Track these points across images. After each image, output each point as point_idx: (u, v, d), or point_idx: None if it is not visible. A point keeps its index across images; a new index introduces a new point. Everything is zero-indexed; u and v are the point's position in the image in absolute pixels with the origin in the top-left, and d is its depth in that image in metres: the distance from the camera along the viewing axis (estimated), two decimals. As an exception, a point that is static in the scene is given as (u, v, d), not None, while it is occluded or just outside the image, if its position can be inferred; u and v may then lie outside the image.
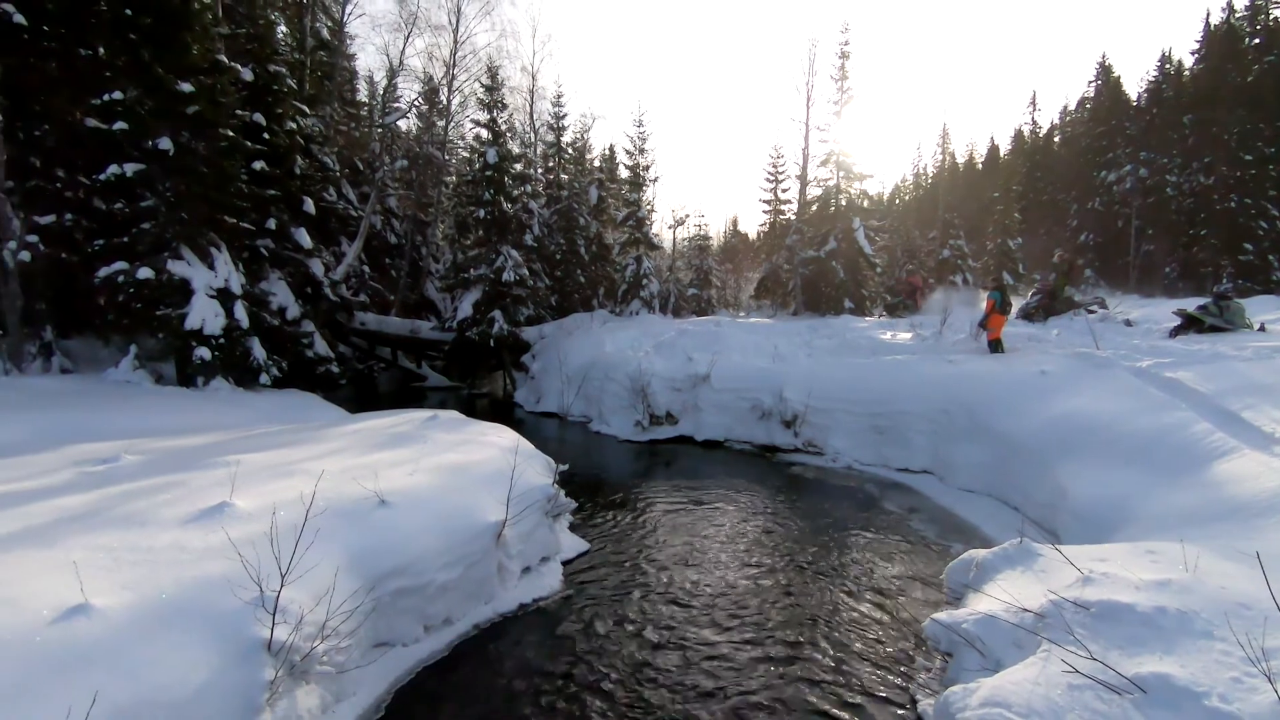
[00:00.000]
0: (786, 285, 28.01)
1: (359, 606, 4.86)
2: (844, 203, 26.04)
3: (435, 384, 23.91)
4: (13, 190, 13.02)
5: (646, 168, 26.28)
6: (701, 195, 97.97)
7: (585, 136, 31.86)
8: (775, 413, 13.63)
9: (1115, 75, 46.57)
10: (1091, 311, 17.65)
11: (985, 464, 10.38)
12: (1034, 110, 55.60)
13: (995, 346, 13.57)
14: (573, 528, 8.75)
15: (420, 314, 26.12)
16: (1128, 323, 16.43)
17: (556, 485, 8.08)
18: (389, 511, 5.99)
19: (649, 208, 27.34)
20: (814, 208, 26.92)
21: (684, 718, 4.81)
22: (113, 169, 12.55)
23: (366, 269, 22.47)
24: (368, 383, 22.72)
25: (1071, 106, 53.04)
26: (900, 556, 8.11)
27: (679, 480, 11.71)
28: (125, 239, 12.88)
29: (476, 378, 23.86)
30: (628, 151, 26.50)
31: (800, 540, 8.67)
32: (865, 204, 27.11)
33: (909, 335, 16.08)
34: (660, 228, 31.11)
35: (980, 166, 58.10)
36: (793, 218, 29.07)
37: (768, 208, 33.94)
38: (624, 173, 28.15)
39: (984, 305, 14.47)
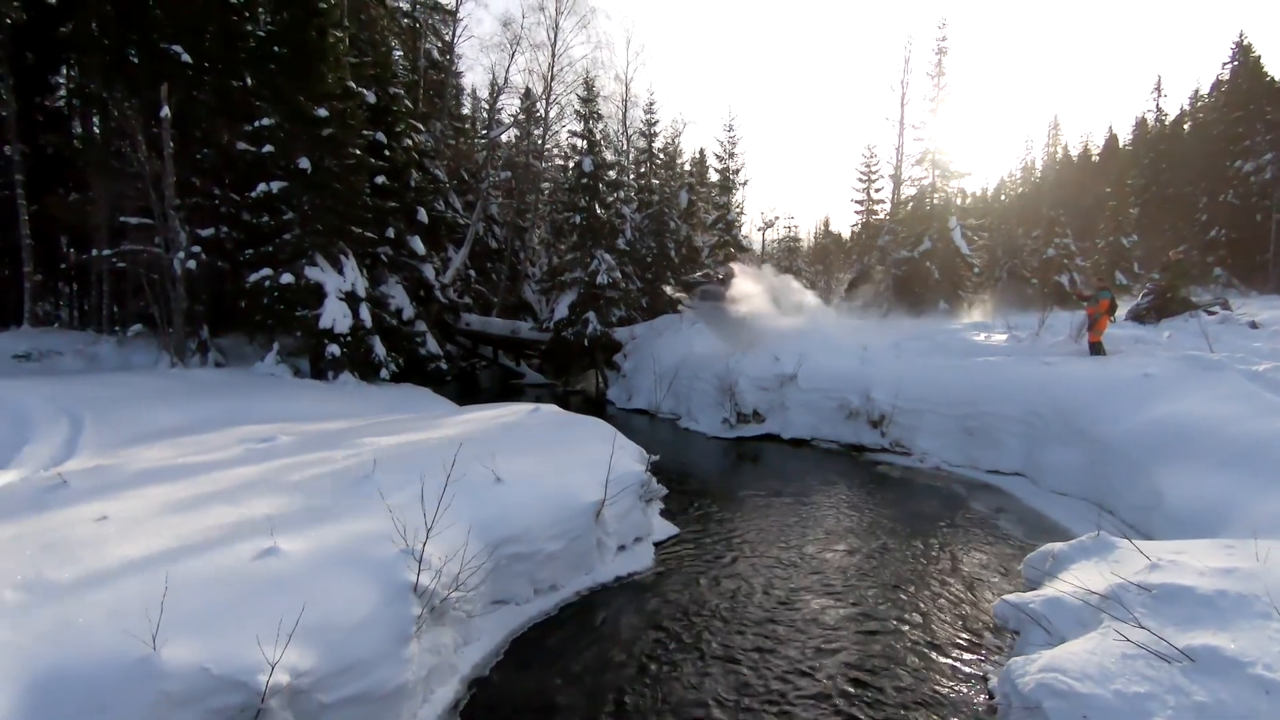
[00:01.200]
0: (878, 286, 27.66)
1: (482, 565, 5.66)
2: (940, 202, 25.48)
3: (532, 381, 25.18)
4: (179, 207, 14.98)
5: (736, 171, 26.66)
6: (792, 197, 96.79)
7: (676, 142, 32.54)
8: (862, 412, 13.77)
9: (1254, 55, 42.56)
10: (1212, 313, 16.64)
11: (1079, 467, 10.23)
12: (1159, 96, 51.62)
13: (1096, 349, 13.17)
14: (663, 514, 9.35)
15: (519, 315, 27.54)
16: (1253, 324, 15.42)
17: (648, 473, 8.72)
18: (504, 488, 6.81)
19: (738, 210, 27.65)
20: (908, 207, 26.47)
21: (767, 682, 5.32)
22: (261, 187, 14.21)
23: (472, 273, 23.99)
24: (470, 379, 24.25)
25: (1204, 91, 48.95)
26: (983, 550, 8.26)
27: (765, 475, 12.12)
28: (270, 248, 14.55)
29: (571, 376, 24.94)
30: (718, 156, 26.98)
31: (884, 532, 8.94)
32: (963, 202, 26.38)
33: (1004, 337, 15.75)
34: (749, 230, 31.38)
35: (1096, 159, 54.52)
36: (885, 218, 28.62)
37: (860, 208, 33.55)
38: (714, 176, 28.63)
39: (1088, 307, 13.96)
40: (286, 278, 14.15)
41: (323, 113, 14.37)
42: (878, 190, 32.68)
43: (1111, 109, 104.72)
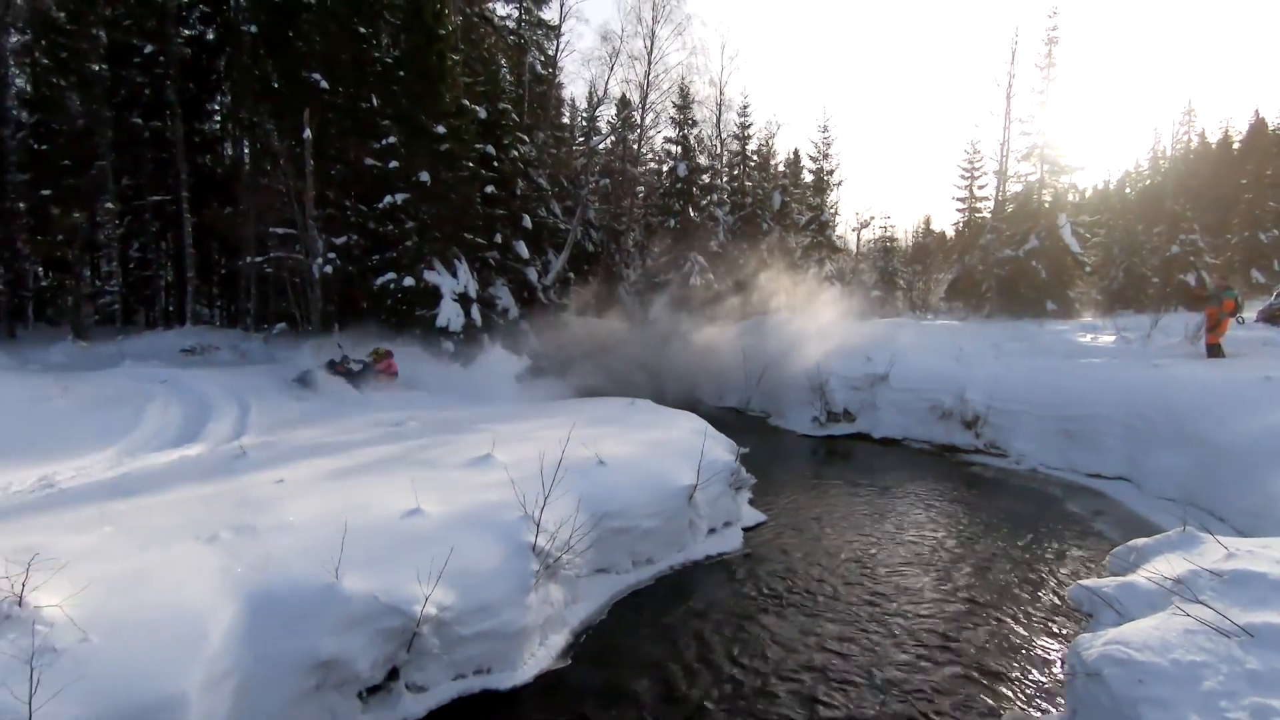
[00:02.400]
0: (980, 287, 26.81)
1: (588, 535, 6.39)
2: (1048, 198, 24.45)
3: (627, 379, 26.09)
4: (316, 218, 16.76)
5: (830, 172, 26.59)
6: (889, 196, 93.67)
7: (770, 143, 32.68)
8: (956, 413, 13.70)
9: None
10: (1357, 315, 15.38)
11: (1187, 471, 9.90)
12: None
13: (1215, 351, 12.55)
14: (752, 503, 9.84)
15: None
16: (1403, 328, 14.19)
17: (738, 462, 9.25)
18: (605, 470, 7.54)
19: (832, 211, 27.52)
20: (1013, 205, 25.54)
21: (849, 655, 5.76)
22: (387, 199, 15.70)
23: (570, 275, 25.15)
24: (568, 377, 25.42)
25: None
26: (1077, 548, 8.29)
27: (854, 472, 12.34)
28: (393, 254, 16.05)
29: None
30: (811, 157, 26.98)
31: (973, 528, 9.06)
32: (1075, 198, 25.18)
33: (1111, 338, 15.16)
34: (843, 230, 31.09)
35: (1237, 147, 49.67)
36: (989, 216, 27.70)
37: (962, 205, 32.52)
38: (807, 178, 28.59)
39: (1208, 307, 13.20)
40: (408, 281, 15.58)
41: (441, 129, 15.72)
42: (981, 187, 31.55)
43: (1259, 91, 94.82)
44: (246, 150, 22.12)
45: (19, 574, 3.81)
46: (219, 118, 24.17)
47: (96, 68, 19.72)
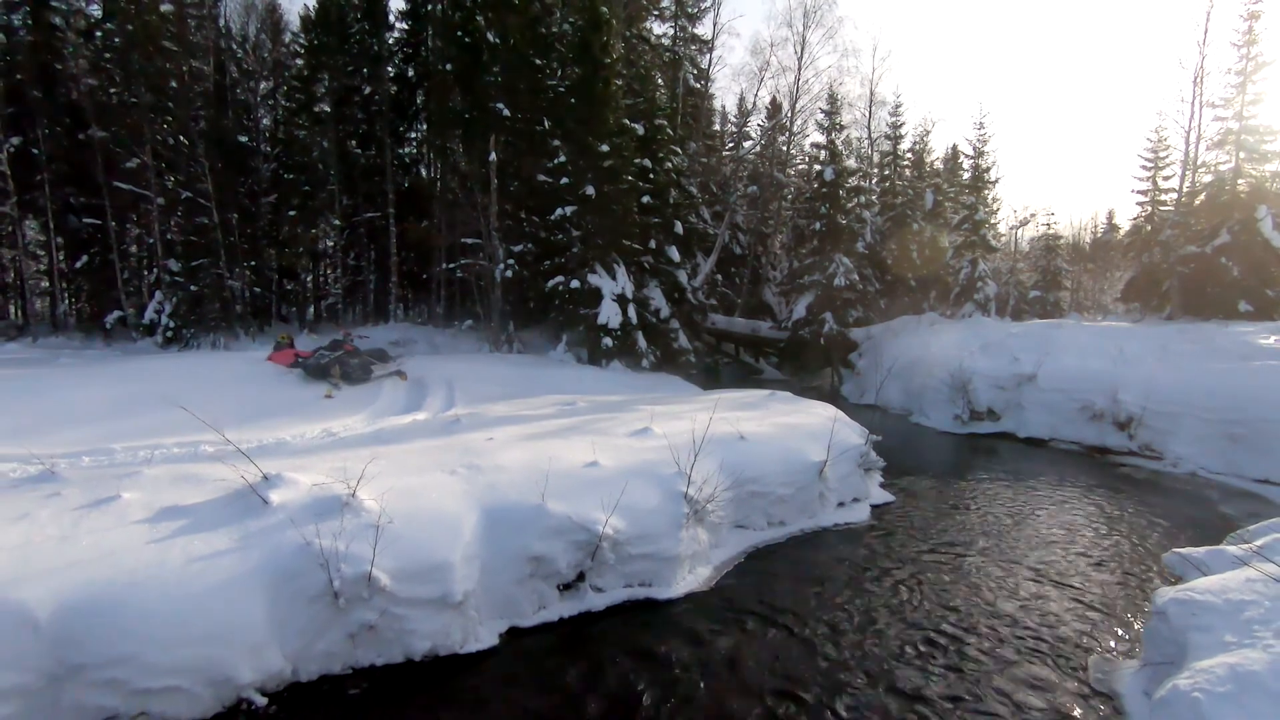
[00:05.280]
0: (1161, 286, 24.85)
1: (728, 491, 7.68)
2: (1245, 189, 22.30)
3: (769, 377, 26.93)
4: (498, 229, 19.33)
5: (987, 169, 25.83)
6: (1053, 190, 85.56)
7: (924, 140, 32.04)
8: (1108, 414, 13.44)
9: None
10: None
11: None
12: None
13: None
14: (884, 486, 10.62)
15: (758, 316, 29.46)
16: None
17: (867, 445, 10.11)
18: (746, 444, 8.78)
19: (988, 209, 26.67)
20: (1200, 197, 23.50)
21: (968, 623, 6.61)
22: (559, 211, 17.86)
23: (718, 277, 26.46)
24: (712, 373, 26.72)
25: None
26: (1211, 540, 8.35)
27: (995, 468, 12.59)
28: (561, 260, 18.18)
29: (806, 373, 26.25)
30: (966, 155, 26.33)
31: (1116, 524, 9.28)
32: (1277, 188, 22.73)
33: (1302, 340, 14.04)
34: (1001, 228, 29.85)
35: None
36: (1172, 209, 25.60)
37: (1143, 198, 29.93)
38: (963, 175, 27.88)
39: None
40: (574, 284, 17.62)
41: (604, 147, 17.62)
42: (1166, 179, 28.93)
43: None
44: (439, 172, 25.60)
45: (350, 481, 5.77)
46: (416, 144, 27.98)
47: (325, 108, 23.91)
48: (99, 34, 21.48)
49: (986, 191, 27.08)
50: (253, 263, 24.26)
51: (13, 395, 9.82)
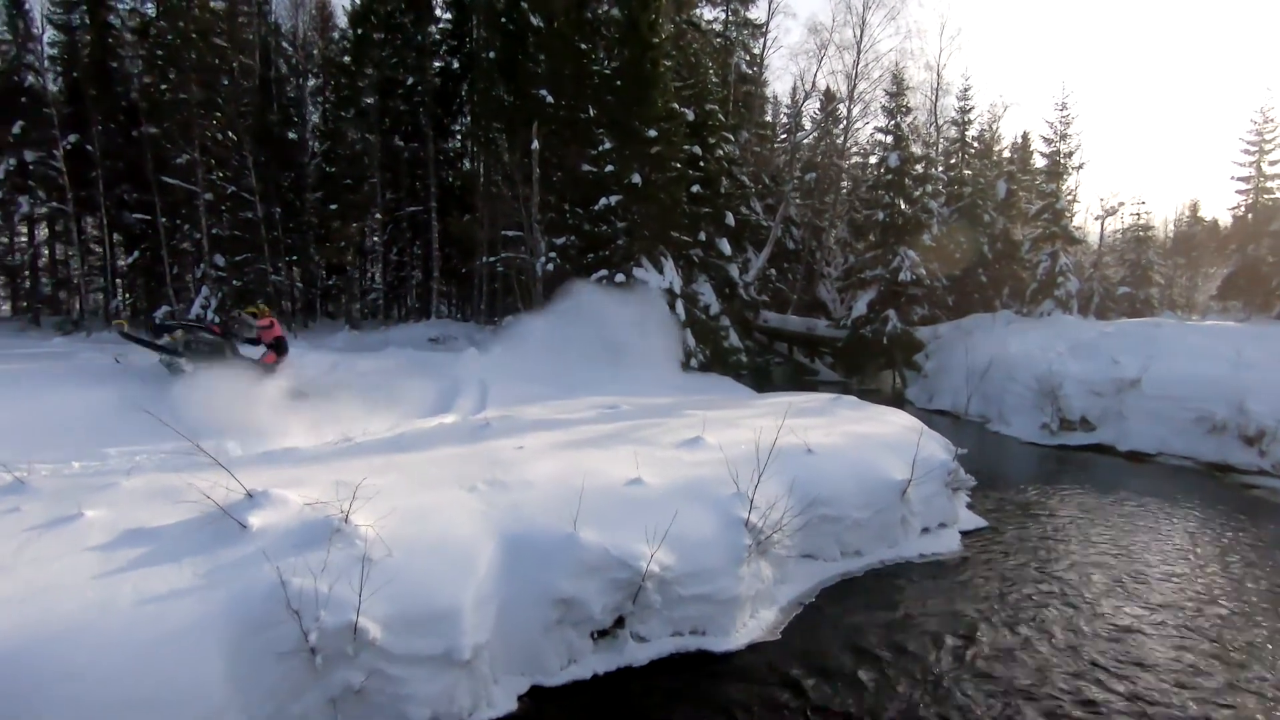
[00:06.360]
0: (1269, 282, 22.49)
1: (796, 518, 6.49)
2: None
3: (825, 378, 25.41)
4: (540, 221, 18.45)
5: (1068, 155, 23.71)
6: (1144, 178, 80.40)
7: (994, 127, 30.01)
8: (1232, 426, 11.70)
9: None
10: None
11: None
12: None
13: None
14: (972, 509, 9.24)
15: (812, 313, 27.92)
16: None
17: (956, 462, 8.76)
18: (814, 458, 7.57)
19: (1069, 198, 24.53)
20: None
21: (1071, 684, 5.31)
22: (602, 201, 16.84)
23: (771, 272, 25.10)
24: (764, 374, 25.33)
25: None
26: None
27: (1094, 487, 11.01)
28: (606, 253, 17.17)
29: (866, 374, 24.64)
30: (1045, 139, 24.32)
31: (1245, 558, 7.76)
32: None
33: None
34: (1084, 219, 27.62)
35: None
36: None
37: (1245, 186, 27.32)
38: (1040, 162, 25.85)
39: None
40: (619, 278, 16.58)
41: (652, 133, 16.54)
42: (1273, 164, 26.28)
43: None
44: (481, 165, 24.94)
45: (344, 501, 4.81)
46: (460, 137, 27.40)
47: (369, 100, 23.45)
48: (152, 31, 21.48)
49: (1069, 178, 24.95)
50: (295, 258, 24.05)
51: (27, 395, 9.32)
